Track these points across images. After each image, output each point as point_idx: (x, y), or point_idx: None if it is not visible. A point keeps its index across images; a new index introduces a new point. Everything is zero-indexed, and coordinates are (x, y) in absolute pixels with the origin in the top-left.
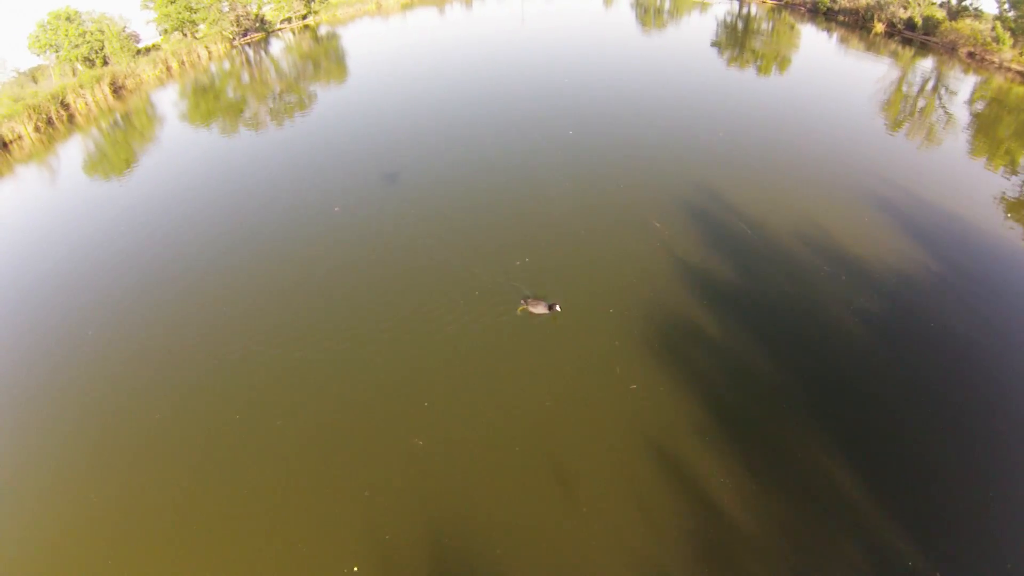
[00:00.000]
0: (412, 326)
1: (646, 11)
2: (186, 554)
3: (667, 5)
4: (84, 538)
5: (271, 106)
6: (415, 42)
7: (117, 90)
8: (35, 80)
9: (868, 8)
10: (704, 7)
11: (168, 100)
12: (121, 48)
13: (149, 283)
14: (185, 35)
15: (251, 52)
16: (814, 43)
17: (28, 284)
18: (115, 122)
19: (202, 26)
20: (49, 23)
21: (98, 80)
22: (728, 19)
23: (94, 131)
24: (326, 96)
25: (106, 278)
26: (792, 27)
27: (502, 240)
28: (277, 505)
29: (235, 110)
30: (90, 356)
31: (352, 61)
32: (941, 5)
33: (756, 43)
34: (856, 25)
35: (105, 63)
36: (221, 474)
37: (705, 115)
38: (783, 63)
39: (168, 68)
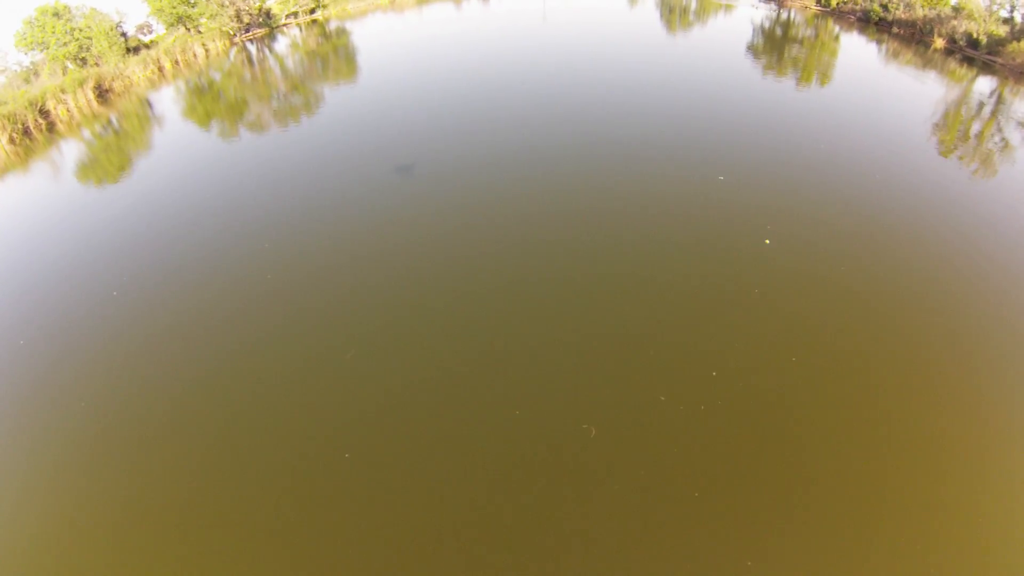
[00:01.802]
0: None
1: (671, 11)
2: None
3: (693, 6)
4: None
5: (275, 107)
6: (431, 39)
7: (103, 93)
8: (37, 75)
9: (927, 21)
10: (729, 8)
11: (160, 103)
12: (110, 47)
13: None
14: (188, 30)
15: (254, 49)
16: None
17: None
18: (101, 129)
19: (204, 20)
20: (37, 19)
21: (81, 83)
22: (767, 25)
23: (77, 140)
24: (335, 96)
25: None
26: (835, 38)
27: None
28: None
29: (235, 112)
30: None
31: (364, 58)
32: (1005, 22)
33: (828, 64)
34: (912, 39)
35: (98, 63)
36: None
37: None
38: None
39: (160, 68)
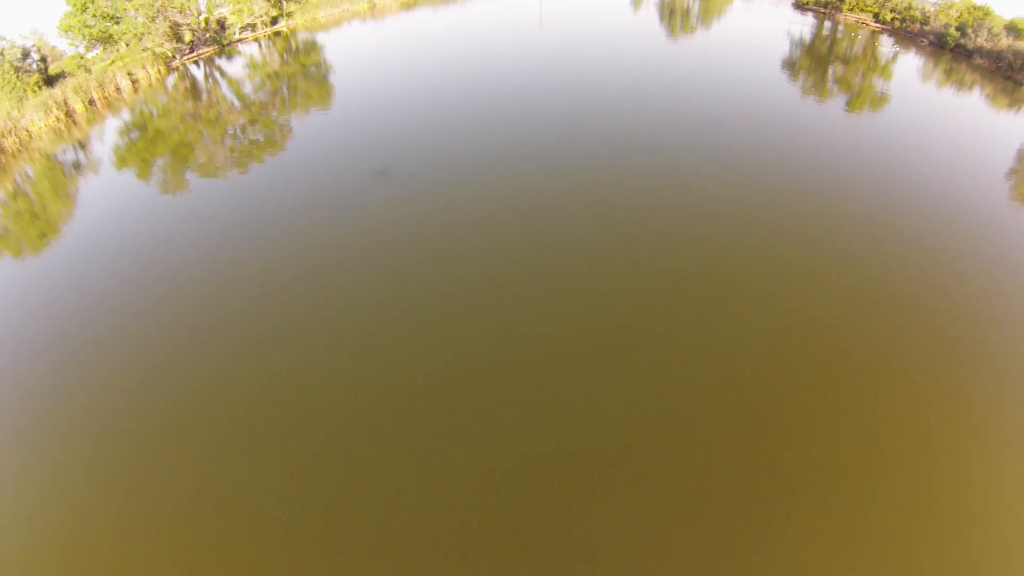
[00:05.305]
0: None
1: (672, 13)
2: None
3: (696, 8)
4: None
5: (228, 148)
6: (417, 50)
7: None
8: None
9: (1017, 55)
10: (720, 12)
11: (74, 160)
12: (2, 86)
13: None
14: (128, 46)
15: (200, 74)
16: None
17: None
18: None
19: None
20: None
21: None
22: (808, 40)
23: None
24: (303, 128)
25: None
26: (894, 59)
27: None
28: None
29: (178, 163)
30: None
31: (340, 78)
32: None
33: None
34: (998, 72)
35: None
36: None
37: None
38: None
39: (68, 113)
